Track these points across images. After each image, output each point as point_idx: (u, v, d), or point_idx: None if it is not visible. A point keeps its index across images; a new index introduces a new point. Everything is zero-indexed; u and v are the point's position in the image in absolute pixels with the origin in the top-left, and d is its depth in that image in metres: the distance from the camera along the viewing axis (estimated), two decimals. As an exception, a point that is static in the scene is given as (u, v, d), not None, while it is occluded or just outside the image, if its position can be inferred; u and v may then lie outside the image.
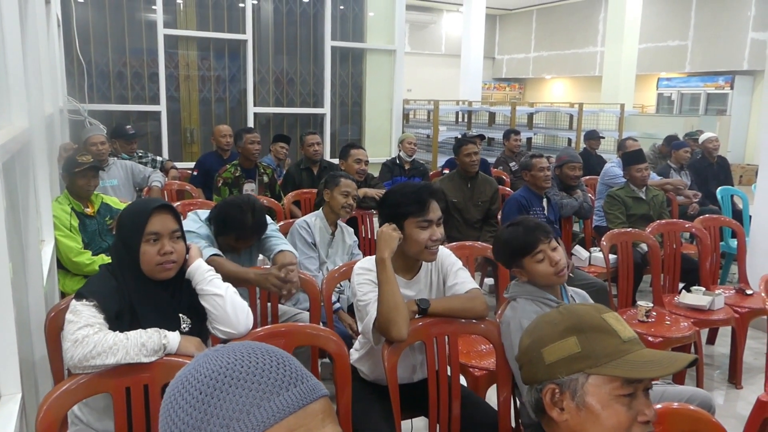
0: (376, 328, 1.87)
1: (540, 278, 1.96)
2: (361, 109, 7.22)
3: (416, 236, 1.96)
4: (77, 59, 5.46)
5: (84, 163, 3.13)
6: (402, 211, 1.98)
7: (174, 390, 0.69)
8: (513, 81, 19.35)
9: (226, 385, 0.65)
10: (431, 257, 2.01)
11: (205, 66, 6.28)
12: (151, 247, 1.72)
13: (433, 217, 1.98)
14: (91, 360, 1.51)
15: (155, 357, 1.59)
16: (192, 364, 0.71)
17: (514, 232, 2.03)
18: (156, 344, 1.59)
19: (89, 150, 4.06)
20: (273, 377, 0.66)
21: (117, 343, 1.55)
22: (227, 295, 1.79)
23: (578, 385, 1.07)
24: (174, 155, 6.08)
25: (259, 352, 0.69)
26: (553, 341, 1.10)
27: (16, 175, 2.04)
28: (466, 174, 4.19)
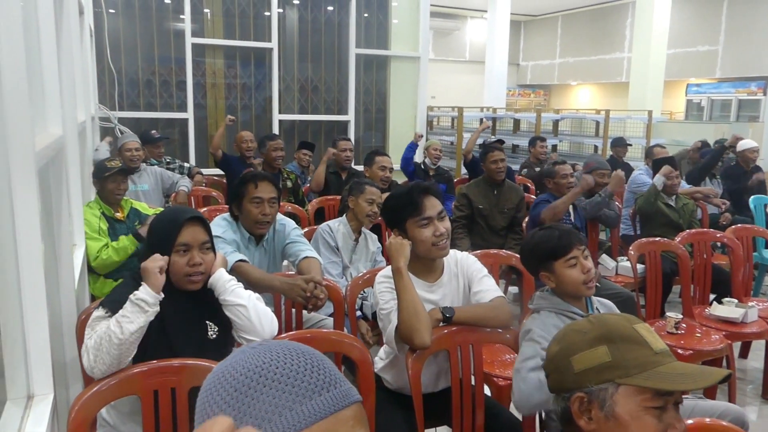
0: (399, 337, 1.87)
1: (569, 285, 1.92)
2: (385, 116, 7.24)
3: (419, 236, 1.96)
4: (108, 68, 5.58)
5: (113, 167, 3.20)
6: (400, 215, 1.99)
7: (211, 384, 0.70)
8: (538, 87, 19.22)
9: (260, 385, 0.66)
10: (441, 253, 2.00)
11: (232, 74, 6.37)
12: (181, 258, 1.75)
13: (432, 213, 1.97)
14: (99, 362, 1.57)
15: (144, 315, 1.62)
16: (230, 359, 0.73)
17: (549, 233, 1.99)
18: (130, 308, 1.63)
19: (124, 156, 4.17)
20: (307, 380, 0.67)
21: (105, 331, 1.60)
22: (250, 303, 1.81)
23: (607, 394, 1.06)
24: (200, 162, 6.17)
25: (296, 353, 0.70)
26: (582, 350, 1.10)
27: (50, 180, 2.09)
28: (492, 181, 4.18)
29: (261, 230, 2.61)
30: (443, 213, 2.01)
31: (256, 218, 2.55)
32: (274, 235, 2.73)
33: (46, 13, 2.07)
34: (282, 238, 2.73)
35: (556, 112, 9.57)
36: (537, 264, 2.00)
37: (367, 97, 7.09)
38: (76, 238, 2.71)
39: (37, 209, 1.53)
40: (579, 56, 17.14)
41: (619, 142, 6.73)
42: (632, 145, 7.44)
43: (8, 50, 1.39)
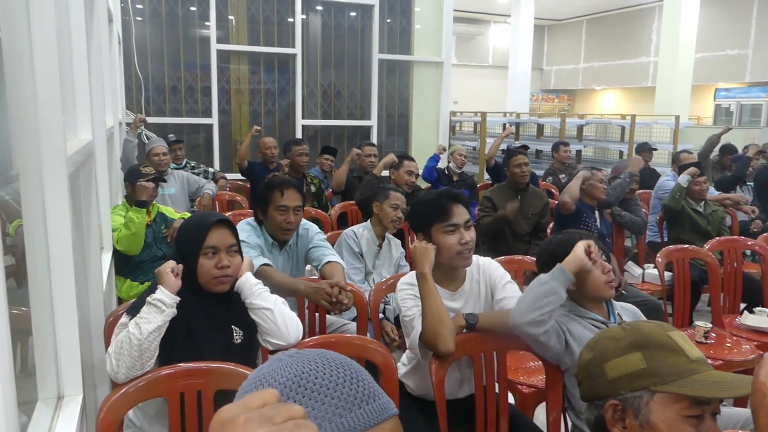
0: (422, 343, 1.87)
1: (589, 286, 1.90)
2: (407, 121, 7.25)
3: (444, 242, 1.95)
4: (135, 74, 5.69)
5: (147, 174, 3.25)
6: (426, 220, 1.99)
7: (247, 392, 0.70)
8: (561, 92, 19.09)
9: (299, 396, 0.65)
10: (465, 262, 1.99)
11: (256, 80, 6.43)
12: (209, 261, 1.77)
13: (459, 220, 1.97)
14: (121, 365, 1.59)
15: (161, 315, 1.65)
16: (266, 367, 0.72)
17: (570, 235, 1.99)
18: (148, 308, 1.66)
19: (151, 160, 4.24)
20: (346, 393, 0.66)
21: (125, 334, 1.63)
22: (276, 307, 1.82)
23: (642, 402, 1.05)
24: (224, 166, 6.24)
25: (334, 364, 0.70)
26: (616, 356, 1.09)
27: (80, 185, 2.13)
28: (516, 186, 4.15)
29: (285, 236, 2.63)
30: (470, 222, 2.01)
31: (280, 225, 2.58)
32: (297, 240, 2.75)
33: (78, 21, 2.12)
34: (305, 243, 2.74)
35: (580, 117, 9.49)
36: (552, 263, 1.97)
37: (389, 103, 7.11)
38: (104, 241, 2.76)
39: (69, 213, 1.56)
40: (604, 61, 16.99)
41: (645, 146, 6.65)
42: (658, 150, 7.34)
43: (43, 58, 1.43)
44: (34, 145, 1.45)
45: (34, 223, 1.47)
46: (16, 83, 1.39)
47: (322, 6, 6.61)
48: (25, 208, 1.48)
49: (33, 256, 1.48)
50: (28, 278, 1.50)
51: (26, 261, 1.49)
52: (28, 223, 1.48)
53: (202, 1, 6.01)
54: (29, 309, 1.51)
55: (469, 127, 10.19)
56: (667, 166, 7.02)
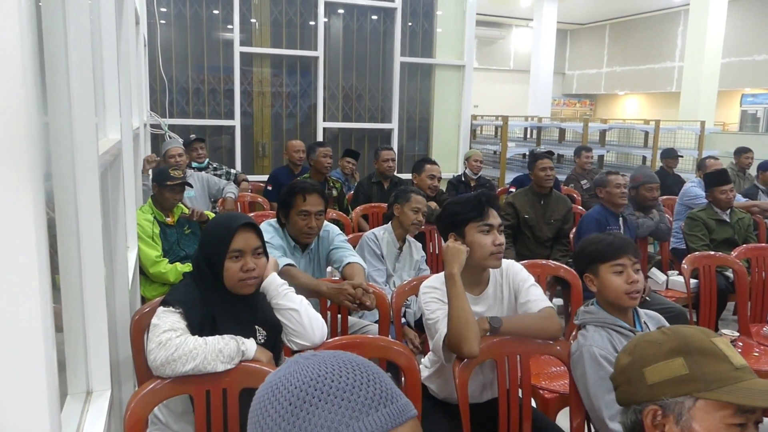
0: (446, 345, 1.87)
1: (610, 292, 1.89)
2: (428, 124, 7.25)
3: (480, 241, 1.97)
4: (159, 77, 5.77)
5: (176, 178, 3.30)
6: (462, 218, 2.00)
7: (264, 396, 0.70)
8: (584, 97, 18.94)
9: (315, 399, 0.66)
10: (497, 263, 2.00)
11: (278, 82, 6.49)
12: (234, 264, 1.79)
13: (494, 222, 1.99)
14: (171, 363, 1.58)
15: (231, 364, 1.64)
16: (283, 370, 0.73)
17: (607, 236, 1.99)
18: (233, 351, 1.65)
19: (168, 162, 4.28)
20: (363, 395, 0.66)
21: (196, 347, 1.61)
22: (302, 308, 1.83)
23: (684, 408, 1.04)
24: (246, 168, 6.30)
25: (351, 365, 0.70)
26: (656, 361, 1.08)
27: (108, 184, 2.17)
28: (540, 190, 4.13)
29: (307, 240, 2.65)
30: (502, 227, 2.04)
31: (302, 229, 2.60)
32: (318, 242, 2.77)
33: (108, 24, 2.16)
34: (326, 245, 2.76)
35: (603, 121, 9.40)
36: (584, 264, 1.99)
37: (410, 106, 7.12)
38: (129, 240, 2.80)
39: (99, 211, 1.59)
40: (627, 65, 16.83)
41: (670, 153, 6.57)
42: (683, 157, 7.26)
43: (78, 60, 1.46)
44: (68, 145, 1.49)
45: (67, 220, 1.51)
46: (54, 85, 1.43)
47: (345, 9, 6.65)
48: (58, 207, 1.51)
49: (65, 253, 1.51)
50: (60, 275, 1.53)
51: (58, 258, 1.52)
52: (60, 220, 1.51)
53: (226, 5, 6.09)
54: (60, 306, 1.54)
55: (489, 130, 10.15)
56: (692, 173, 6.93)
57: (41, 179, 0.87)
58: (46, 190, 1.57)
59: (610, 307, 1.92)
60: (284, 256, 2.51)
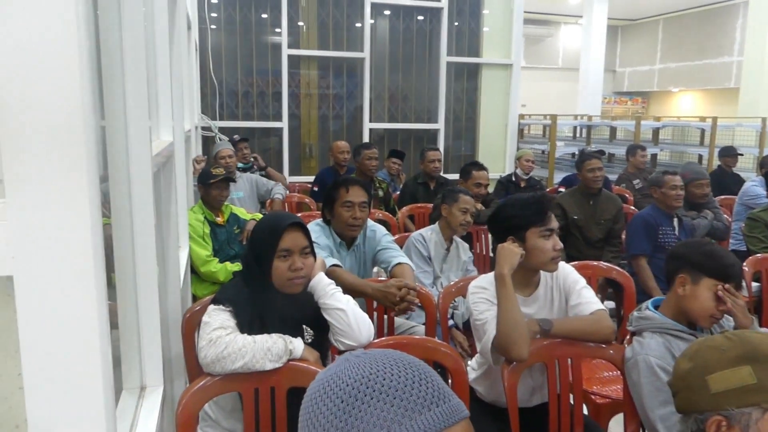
0: (495, 348, 1.84)
1: (696, 310, 1.80)
2: (475, 124, 7.19)
3: (541, 246, 1.94)
4: (210, 80, 5.90)
5: (218, 175, 3.38)
6: (523, 222, 1.96)
7: (315, 393, 0.70)
8: (635, 95, 18.43)
9: (368, 397, 0.65)
10: (555, 267, 1.98)
11: (324, 84, 6.55)
12: (283, 263, 1.80)
13: (554, 226, 1.98)
14: (222, 360, 1.61)
15: (279, 363, 1.66)
16: (333, 368, 0.72)
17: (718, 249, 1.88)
18: (281, 350, 1.67)
19: (219, 163, 4.37)
20: (416, 394, 0.65)
21: (245, 345, 1.64)
22: (349, 308, 1.83)
23: (751, 420, 0.98)
24: (293, 169, 6.38)
25: (403, 364, 0.69)
26: (721, 369, 1.02)
27: (161, 184, 2.23)
28: (589, 190, 4.04)
29: (352, 232, 2.66)
30: (559, 231, 2.02)
31: (347, 221, 2.61)
32: (364, 241, 2.77)
33: (162, 28, 2.22)
34: (373, 245, 2.76)
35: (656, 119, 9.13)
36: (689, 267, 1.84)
37: (457, 106, 7.07)
38: (181, 240, 2.87)
39: (153, 211, 1.63)
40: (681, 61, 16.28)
41: (729, 151, 6.31)
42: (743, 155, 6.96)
43: (133, 66, 1.50)
44: (122, 147, 1.53)
45: (122, 220, 1.55)
46: (110, 89, 1.47)
47: (391, 10, 6.66)
48: (113, 207, 1.55)
49: (120, 253, 1.56)
50: (116, 274, 1.58)
51: (114, 257, 1.57)
52: (116, 220, 1.56)
53: (274, 8, 6.18)
54: (116, 303, 1.59)
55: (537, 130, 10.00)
56: (752, 171, 6.65)
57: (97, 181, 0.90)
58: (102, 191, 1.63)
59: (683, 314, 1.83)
60: (330, 257, 2.52)
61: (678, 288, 1.84)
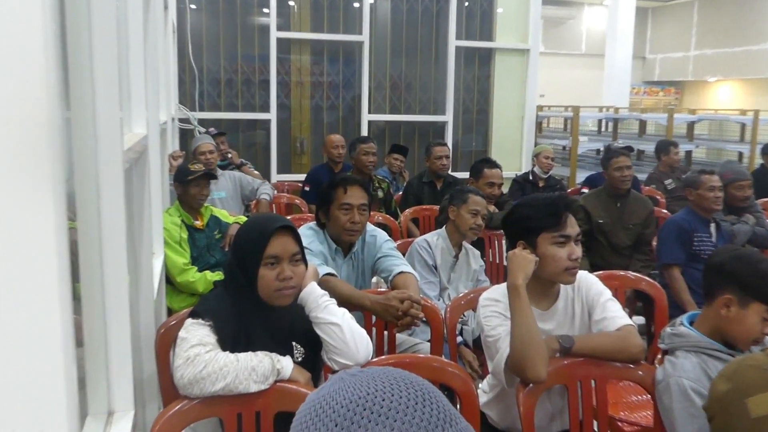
0: (508, 368, 1.84)
1: (739, 334, 1.80)
2: (487, 116, 7.20)
3: (553, 254, 1.93)
4: (189, 66, 5.90)
5: (196, 171, 3.37)
6: (534, 226, 1.96)
7: (306, 416, 0.70)
8: (667, 84, 18.47)
9: (365, 420, 0.64)
10: (571, 279, 1.97)
11: (318, 71, 6.55)
12: (270, 271, 1.80)
13: (572, 232, 1.95)
14: (201, 381, 1.60)
15: (265, 384, 1.66)
16: (326, 387, 0.72)
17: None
18: (267, 369, 1.66)
19: (198, 159, 4.36)
20: (419, 416, 0.65)
21: (227, 364, 1.63)
22: (344, 322, 1.83)
23: None
24: (282, 166, 6.38)
25: (404, 383, 0.69)
26: (762, 390, 1.02)
27: (133, 183, 2.23)
28: (616, 191, 4.04)
29: (350, 238, 2.66)
30: (580, 237, 2.00)
31: (344, 225, 2.61)
32: (363, 248, 2.77)
33: (135, 9, 2.23)
34: (372, 252, 2.76)
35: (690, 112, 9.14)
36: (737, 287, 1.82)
37: (467, 96, 7.07)
38: (155, 246, 2.87)
39: (124, 213, 1.63)
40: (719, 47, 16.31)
41: (773, 147, 6.31)
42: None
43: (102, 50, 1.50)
44: (91, 141, 1.52)
45: (89, 224, 1.54)
46: (76, 76, 1.47)
47: (393, -12, 6.67)
48: (80, 209, 1.55)
49: (86, 260, 1.55)
50: (81, 284, 1.57)
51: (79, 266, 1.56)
52: (82, 223, 1.55)
53: (262, -14, 6.19)
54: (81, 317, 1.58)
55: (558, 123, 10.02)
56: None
57: (62, 180, 0.89)
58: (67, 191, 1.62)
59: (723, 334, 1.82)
60: (324, 264, 2.52)
61: (721, 309, 1.82)
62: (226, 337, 1.73)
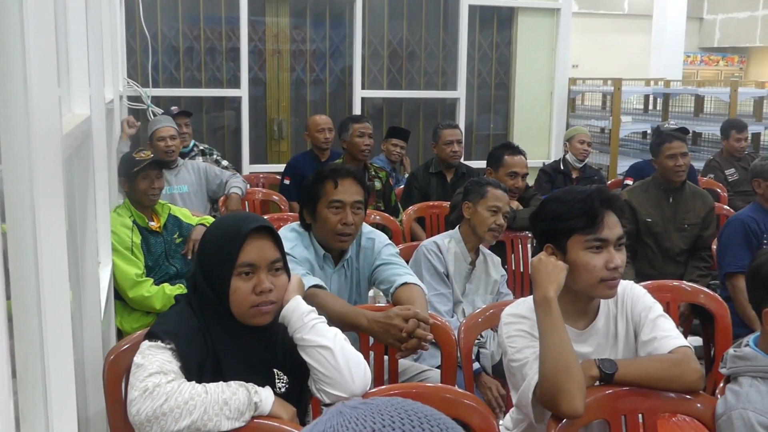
0: (537, 399, 1.85)
1: None
2: (508, 92, 7.20)
3: (586, 262, 1.94)
4: (140, 32, 5.88)
5: (144, 159, 3.37)
6: (564, 227, 1.97)
7: None
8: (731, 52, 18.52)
9: None
10: (609, 293, 1.98)
11: (300, 37, 6.54)
12: (244, 283, 1.80)
13: (610, 235, 1.95)
14: (161, 418, 1.61)
15: (240, 421, 1.66)
16: (322, 424, 0.72)
17: None
18: (242, 403, 1.67)
19: (156, 146, 4.36)
20: None
21: (194, 397, 1.64)
22: (336, 346, 1.83)
23: None
24: (257, 155, 6.37)
25: (416, 417, 0.70)
26: None
27: (75, 176, 2.23)
28: (668, 184, 4.06)
29: (341, 244, 2.66)
30: (623, 240, 2.00)
31: (334, 228, 2.61)
32: (358, 254, 2.78)
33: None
34: (370, 259, 2.77)
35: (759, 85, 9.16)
36: None
37: (483, 66, 7.08)
38: (102, 254, 2.88)
39: (63, 213, 1.63)
40: (794, 4, 16.37)
41: None
42: None
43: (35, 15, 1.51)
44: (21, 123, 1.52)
45: (20, 227, 1.54)
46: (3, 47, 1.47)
47: (391, -65, 6.68)
48: (8, 209, 1.55)
49: (19, 273, 1.55)
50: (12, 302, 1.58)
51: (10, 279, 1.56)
52: (12, 227, 1.55)
53: (229, -67, 6.19)
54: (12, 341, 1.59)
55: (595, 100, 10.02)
56: None
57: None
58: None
59: None
60: (310, 274, 2.53)
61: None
62: (190, 363, 1.74)
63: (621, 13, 17.51)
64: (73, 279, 2.14)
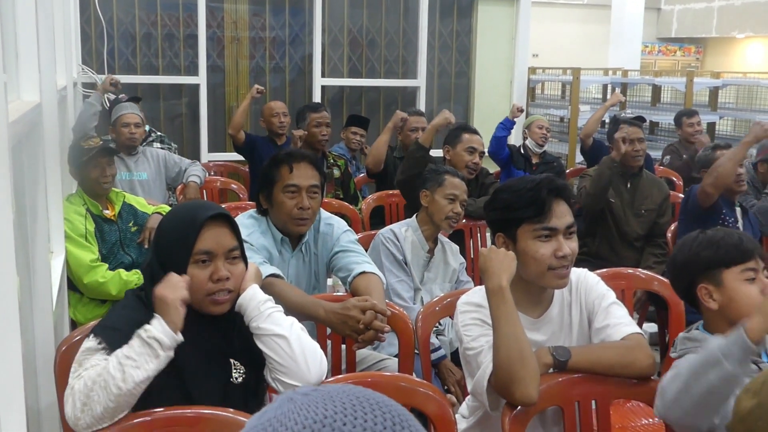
0: (492, 387, 1.86)
1: (744, 308, 1.84)
2: (468, 81, 7.24)
3: (534, 251, 1.95)
4: (95, 16, 5.80)
5: (92, 146, 3.31)
6: (514, 216, 1.98)
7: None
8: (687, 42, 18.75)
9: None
10: (558, 282, 1.99)
11: (259, 24, 6.50)
12: (201, 271, 1.79)
13: (559, 224, 1.96)
14: (84, 409, 1.61)
15: (156, 362, 1.65)
16: (272, 410, 0.72)
17: (726, 233, 1.98)
18: (139, 345, 1.66)
19: (120, 133, 4.30)
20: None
21: (100, 373, 1.63)
22: (292, 334, 1.83)
23: None
24: (216, 143, 6.32)
25: (368, 404, 0.69)
26: None
27: (23, 164, 2.19)
28: (626, 170, 4.11)
29: (299, 228, 2.65)
30: (573, 229, 2.00)
31: (290, 213, 2.60)
32: (317, 240, 2.77)
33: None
34: (328, 245, 2.76)
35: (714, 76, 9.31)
36: (697, 271, 1.95)
37: (444, 55, 7.10)
38: (54, 243, 2.83)
39: (10, 202, 1.59)
40: (749, -4, 16.61)
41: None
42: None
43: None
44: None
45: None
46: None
47: None
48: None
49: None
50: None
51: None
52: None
53: None
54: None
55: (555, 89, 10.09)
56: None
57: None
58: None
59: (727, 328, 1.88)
60: (267, 263, 2.51)
61: (707, 302, 1.92)
62: None
63: (580, 3, 17.63)
64: (22, 268, 2.10)
